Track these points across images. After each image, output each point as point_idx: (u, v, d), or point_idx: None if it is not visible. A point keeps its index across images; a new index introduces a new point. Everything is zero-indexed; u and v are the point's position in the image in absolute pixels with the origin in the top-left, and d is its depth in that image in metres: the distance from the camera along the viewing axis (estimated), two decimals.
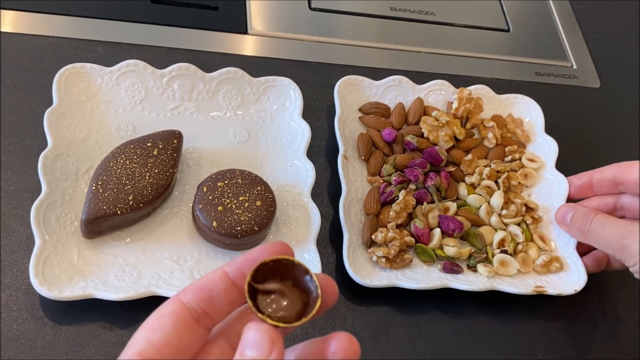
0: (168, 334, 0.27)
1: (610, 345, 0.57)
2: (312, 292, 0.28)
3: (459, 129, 0.61)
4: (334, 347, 0.28)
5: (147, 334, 0.27)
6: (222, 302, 0.28)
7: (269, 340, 0.26)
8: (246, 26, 0.69)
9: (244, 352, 0.26)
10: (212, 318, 0.28)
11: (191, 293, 0.28)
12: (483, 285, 0.53)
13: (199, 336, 0.28)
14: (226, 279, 0.28)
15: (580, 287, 0.54)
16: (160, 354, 0.27)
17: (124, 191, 0.50)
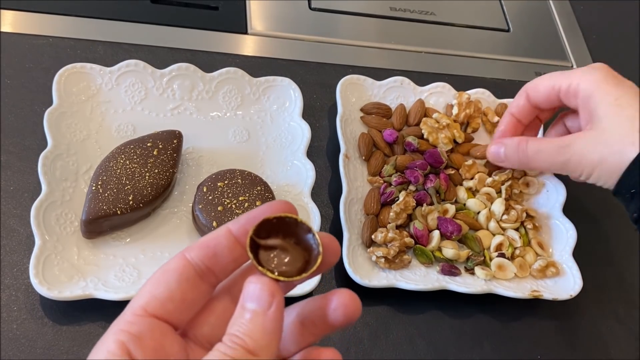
0: (172, 288, 0.27)
1: (610, 345, 0.57)
2: (314, 250, 0.28)
3: (458, 132, 0.61)
4: (335, 303, 0.28)
5: (151, 289, 0.27)
6: (226, 259, 0.28)
7: (269, 293, 0.26)
8: (246, 26, 0.69)
9: (244, 304, 0.26)
10: (216, 275, 0.28)
11: (195, 250, 0.28)
12: (481, 288, 0.53)
13: (202, 292, 0.28)
14: (230, 237, 0.28)
15: (576, 292, 0.54)
16: (163, 307, 0.27)
17: (124, 191, 0.50)
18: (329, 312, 0.29)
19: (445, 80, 0.66)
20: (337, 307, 0.28)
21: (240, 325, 0.26)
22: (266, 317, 0.26)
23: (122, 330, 0.27)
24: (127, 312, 0.27)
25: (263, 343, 0.26)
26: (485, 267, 0.55)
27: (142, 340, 0.26)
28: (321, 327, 0.29)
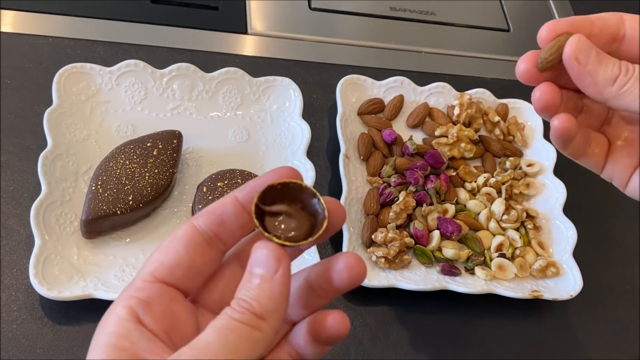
0: (180, 255, 0.28)
1: (610, 345, 0.57)
2: (320, 215, 0.28)
3: (467, 144, 0.61)
4: (340, 265, 0.29)
5: (160, 256, 0.28)
6: (233, 226, 0.28)
7: (276, 258, 0.26)
8: (246, 26, 0.69)
9: (252, 270, 0.27)
10: (224, 241, 0.29)
11: (203, 217, 0.28)
12: (481, 289, 0.53)
13: (211, 258, 0.29)
14: (236, 204, 0.28)
15: (576, 292, 0.54)
16: (172, 274, 0.27)
17: (124, 191, 0.50)
18: (334, 275, 0.29)
19: (445, 80, 0.66)
20: (342, 270, 0.29)
21: (248, 290, 0.26)
22: (273, 281, 0.26)
23: (131, 296, 0.27)
24: (137, 279, 0.28)
25: (270, 307, 0.26)
26: (486, 267, 0.55)
27: (151, 305, 0.27)
28: (328, 290, 0.30)
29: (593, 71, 0.33)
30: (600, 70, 0.33)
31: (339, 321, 0.29)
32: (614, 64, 0.33)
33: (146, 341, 0.26)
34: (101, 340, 0.26)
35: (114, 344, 0.26)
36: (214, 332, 0.25)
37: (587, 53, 0.33)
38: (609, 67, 0.33)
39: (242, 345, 0.25)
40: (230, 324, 0.25)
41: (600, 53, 0.33)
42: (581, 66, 0.33)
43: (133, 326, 0.26)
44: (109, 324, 0.26)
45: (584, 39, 0.33)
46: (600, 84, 0.33)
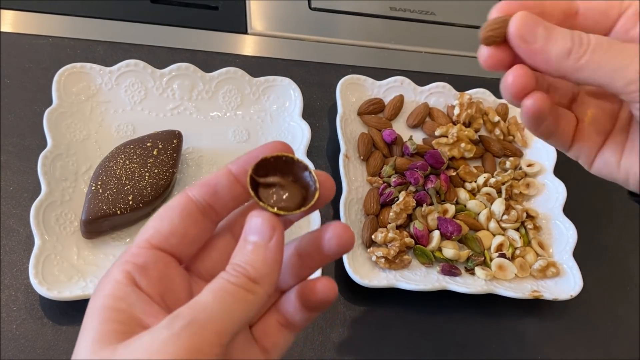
0: (175, 223, 0.28)
1: (611, 345, 0.57)
2: (311, 187, 0.29)
3: (467, 144, 0.61)
4: (329, 234, 0.30)
5: (156, 224, 0.29)
6: (226, 197, 0.29)
7: (270, 226, 0.27)
8: (246, 26, 0.69)
9: (246, 237, 0.28)
10: (217, 212, 0.30)
11: (197, 188, 0.29)
12: (481, 289, 0.53)
13: (204, 228, 0.29)
14: (230, 176, 0.29)
15: (576, 292, 0.54)
16: (167, 241, 0.28)
17: (124, 191, 0.50)
18: (324, 243, 0.30)
19: (445, 80, 0.66)
20: (332, 237, 0.30)
21: (243, 255, 0.27)
22: (267, 248, 0.27)
23: (128, 261, 0.28)
24: (133, 246, 0.29)
25: (264, 272, 0.27)
26: (486, 268, 0.55)
27: (147, 270, 0.28)
28: (317, 259, 0.31)
29: (543, 47, 0.30)
30: (551, 45, 0.30)
31: (327, 286, 0.30)
32: (564, 36, 0.30)
33: (143, 303, 0.27)
34: (99, 302, 0.27)
35: (111, 305, 0.26)
36: (211, 294, 0.26)
37: (533, 29, 0.30)
38: (559, 40, 0.30)
39: (236, 306, 0.26)
40: (226, 287, 0.26)
41: (548, 27, 0.30)
42: (529, 44, 0.30)
43: (130, 289, 0.27)
44: (106, 287, 0.27)
45: (529, 14, 0.30)
46: (553, 60, 0.30)
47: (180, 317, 0.25)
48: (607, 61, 0.29)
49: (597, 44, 0.30)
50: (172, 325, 0.25)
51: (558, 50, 0.30)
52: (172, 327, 0.25)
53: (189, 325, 0.25)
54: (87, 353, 0.26)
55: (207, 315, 0.25)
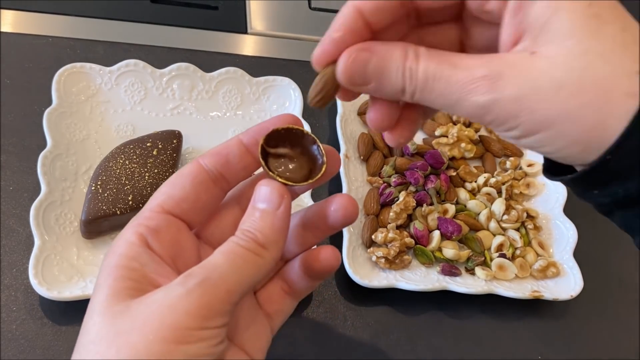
0: (186, 189, 0.29)
1: (611, 345, 0.57)
2: (319, 159, 0.30)
3: (467, 144, 0.61)
4: (335, 205, 0.31)
5: (168, 189, 0.30)
6: (237, 166, 0.30)
7: (279, 195, 0.28)
8: (246, 26, 0.69)
9: (255, 204, 0.29)
10: (228, 180, 0.31)
11: (209, 157, 0.30)
12: (481, 289, 0.53)
13: (214, 195, 0.30)
14: (241, 145, 0.30)
15: (576, 292, 0.54)
16: (178, 206, 0.29)
17: (124, 191, 0.50)
18: (329, 214, 0.31)
19: None
20: (338, 209, 0.31)
21: (252, 222, 0.28)
22: (275, 215, 0.28)
23: (141, 224, 0.29)
24: (145, 209, 0.29)
25: (272, 238, 0.28)
26: (486, 268, 0.55)
27: (159, 233, 0.29)
28: (322, 229, 0.32)
29: (377, 88, 0.27)
30: (383, 85, 0.27)
31: (330, 255, 0.31)
32: (396, 74, 0.27)
33: (155, 264, 0.28)
34: (112, 260, 0.28)
35: (124, 264, 0.27)
36: (222, 255, 0.27)
37: (362, 72, 0.27)
38: (391, 79, 0.27)
39: (246, 268, 0.27)
40: (237, 249, 0.27)
41: (379, 63, 0.27)
42: (362, 87, 0.28)
43: (142, 249, 0.28)
44: (120, 247, 0.28)
45: (353, 54, 0.27)
46: (391, 97, 0.28)
47: (193, 276, 0.26)
48: (436, 99, 0.26)
49: (424, 80, 0.26)
50: (186, 283, 0.26)
51: (391, 90, 0.27)
52: (186, 284, 0.26)
53: (201, 283, 0.26)
54: (102, 308, 0.26)
55: (219, 275, 0.26)
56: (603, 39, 0.24)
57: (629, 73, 0.23)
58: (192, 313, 0.25)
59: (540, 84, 0.24)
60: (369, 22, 0.27)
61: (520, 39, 0.25)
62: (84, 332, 0.27)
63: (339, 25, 0.27)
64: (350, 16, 0.27)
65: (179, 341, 0.25)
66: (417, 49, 0.27)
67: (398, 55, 0.26)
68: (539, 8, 0.24)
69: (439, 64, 0.26)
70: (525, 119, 0.24)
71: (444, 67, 0.26)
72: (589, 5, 0.24)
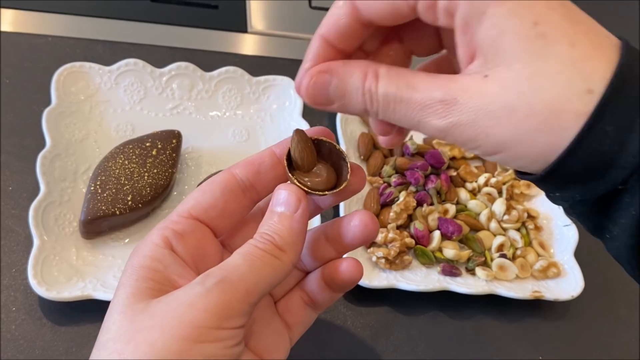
0: (216, 197, 0.30)
1: (612, 345, 0.57)
2: (343, 175, 0.31)
3: None
4: (357, 220, 0.31)
5: (198, 196, 0.30)
6: (268, 177, 0.31)
7: (296, 198, 0.29)
8: (246, 25, 0.69)
9: (273, 209, 0.29)
10: (258, 191, 0.31)
11: (241, 167, 0.31)
12: (482, 289, 0.53)
13: (243, 205, 0.31)
14: (273, 156, 0.31)
15: (577, 293, 0.54)
16: (206, 213, 0.30)
17: (123, 191, 0.50)
18: (350, 228, 0.31)
19: None
20: (358, 225, 0.31)
21: (270, 225, 0.29)
22: (293, 219, 0.29)
23: (167, 227, 0.29)
24: (174, 214, 0.30)
25: (290, 241, 0.28)
26: (486, 268, 0.55)
27: (185, 237, 0.29)
28: (342, 244, 0.32)
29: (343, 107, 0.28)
30: (347, 104, 0.28)
31: (353, 266, 0.32)
32: (357, 93, 0.27)
33: (178, 266, 0.28)
34: (137, 261, 0.28)
35: (148, 265, 0.28)
36: (241, 257, 0.28)
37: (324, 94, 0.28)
38: (352, 98, 0.27)
39: (264, 269, 0.27)
40: (255, 252, 0.28)
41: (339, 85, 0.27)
42: (328, 106, 0.28)
43: (167, 252, 0.29)
44: (145, 248, 0.29)
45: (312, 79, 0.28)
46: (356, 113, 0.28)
47: (212, 275, 0.26)
48: (399, 120, 0.27)
49: (385, 102, 0.26)
50: (205, 282, 0.26)
51: (355, 109, 0.28)
52: (205, 284, 0.26)
53: (220, 282, 0.26)
54: (122, 307, 0.27)
55: (238, 275, 0.27)
56: (550, 59, 0.24)
57: (579, 92, 0.23)
58: (211, 311, 0.25)
59: (493, 109, 0.24)
60: (338, 48, 0.28)
61: (474, 56, 0.25)
62: (104, 330, 0.27)
63: (310, 56, 0.28)
64: (318, 45, 0.28)
65: (196, 340, 0.25)
66: (377, 68, 0.27)
67: (357, 77, 0.27)
68: (485, 30, 0.24)
69: (398, 87, 0.26)
70: (482, 142, 0.25)
71: (402, 90, 0.26)
72: (534, 24, 0.24)
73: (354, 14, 0.27)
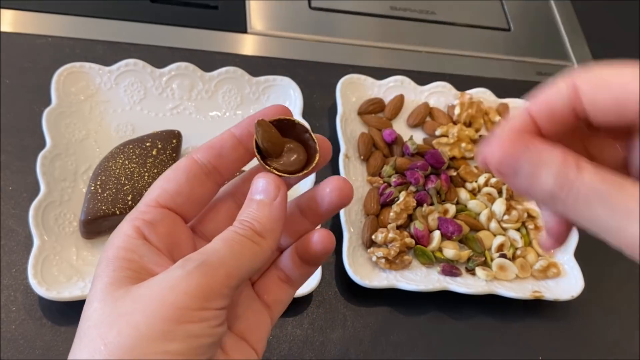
0: (181, 183, 0.30)
1: (612, 345, 0.57)
2: (311, 148, 0.31)
3: (467, 144, 0.61)
4: (331, 186, 0.31)
5: (163, 183, 0.30)
6: (230, 158, 0.31)
7: (275, 186, 0.29)
8: (246, 25, 0.69)
9: (252, 197, 0.30)
10: (221, 174, 0.31)
11: (202, 151, 0.31)
12: (482, 289, 0.53)
13: (208, 189, 0.31)
14: (233, 138, 0.31)
15: (577, 293, 0.54)
16: (173, 200, 0.30)
17: (123, 191, 0.50)
18: (324, 196, 0.32)
19: (445, 79, 0.66)
20: (332, 190, 0.31)
21: (249, 212, 0.29)
22: (272, 206, 0.29)
23: (137, 217, 0.29)
24: (141, 204, 0.30)
25: (269, 227, 0.29)
26: (486, 268, 0.55)
27: (156, 226, 0.29)
28: (318, 213, 0.32)
29: (527, 185, 0.25)
30: (534, 181, 0.25)
31: (324, 236, 0.32)
32: (551, 174, 0.24)
33: (153, 255, 0.28)
34: (111, 253, 0.28)
35: (123, 255, 0.28)
36: (221, 242, 0.28)
37: (512, 164, 0.25)
38: (543, 178, 0.25)
39: (244, 254, 0.28)
40: (235, 237, 0.28)
41: (532, 159, 0.25)
42: (513, 181, 0.26)
43: (140, 242, 0.29)
44: (117, 240, 0.28)
45: (505, 143, 0.25)
46: (539, 199, 0.26)
47: (192, 260, 0.27)
48: (588, 219, 0.24)
49: (584, 193, 0.24)
50: (185, 266, 0.26)
51: (539, 192, 0.25)
52: (185, 267, 0.26)
53: (201, 265, 0.26)
54: (102, 295, 0.27)
55: (218, 259, 0.27)
56: None
57: None
58: (192, 293, 0.26)
59: None
60: (540, 127, 0.26)
61: None
62: (84, 319, 0.27)
63: (509, 126, 0.26)
64: (522, 120, 0.26)
65: (180, 320, 0.25)
66: (579, 158, 0.24)
67: (556, 158, 0.24)
68: None
69: (604, 182, 0.24)
70: None
71: (610, 187, 0.23)
72: None
73: (573, 101, 0.25)
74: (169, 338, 0.25)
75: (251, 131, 0.30)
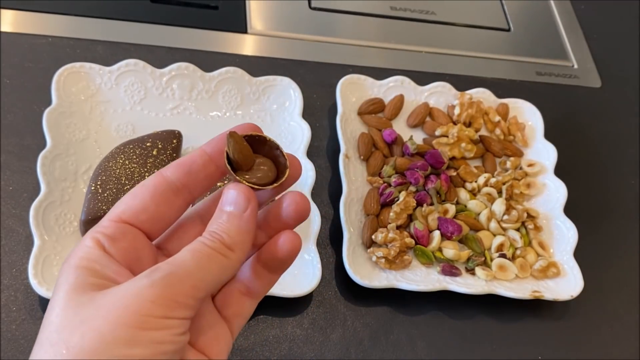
0: (145, 200, 0.30)
1: (611, 345, 0.57)
2: (281, 164, 0.31)
3: (467, 144, 0.61)
4: (287, 201, 0.31)
5: (128, 200, 0.30)
6: (200, 176, 0.31)
7: (245, 198, 0.29)
8: (246, 25, 0.69)
9: (223, 208, 0.29)
10: (191, 191, 0.31)
11: (171, 168, 0.31)
12: (481, 289, 0.53)
13: (175, 207, 0.31)
14: (204, 155, 0.31)
15: (577, 293, 0.54)
16: (137, 217, 0.30)
17: (124, 191, 0.50)
18: (282, 211, 0.31)
19: (445, 79, 0.66)
20: (289, 205, 0.31)
21: (219, 224, 0.29)
22: (242, 218, 0.29)
23: (98, 231, 0.29)
24: (104, 219, 0.30)
25: (238, 240, 0.29)
26: (486, 268, 0.55)
27: (116, 240, 0.29)
28: (274, 227, 0.32)
29: None
30: None
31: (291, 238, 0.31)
32: None
33: (115, 266, 0.28)
34: (72, 262, 0.28)
35: (84, 265, 0.28)
36: (188, 253, 0.28)
37: None
38: None
39: (212, 266, 0.28)
40: (203, 249, 0.28)
41: None
42: None
43: (101, 253, 0.28)
44: (78, 252, 0.28)
45: None
46: None
47: (159, 270, 0.26)
48: None
49: None
50: (151, 275, 0.26)
51: None
52: (151, 277, 0.26)
53: (167, 275, 0.26)
54: (65, 300, 0.26)
55: (185, 270, 0.27)
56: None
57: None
58: (157, 302, 0.26)
59: None
60: None
61: None
62: (46, 325, 0.26)
63: None
64: None
65: (143, 327, 0.25)
66: None
67: None
68: None
69: None
70: None
71: None
72: None
73: None
74: (132, 343, 0.25)
75: (222, 148, 0.30)
